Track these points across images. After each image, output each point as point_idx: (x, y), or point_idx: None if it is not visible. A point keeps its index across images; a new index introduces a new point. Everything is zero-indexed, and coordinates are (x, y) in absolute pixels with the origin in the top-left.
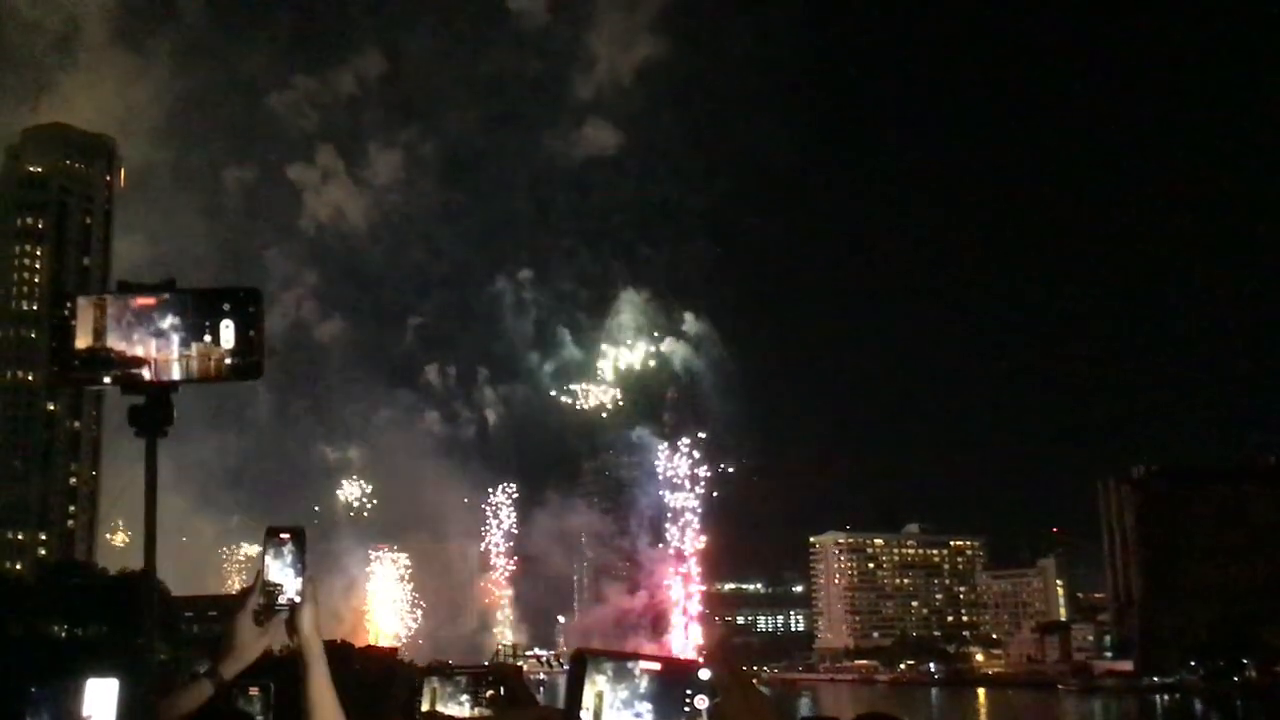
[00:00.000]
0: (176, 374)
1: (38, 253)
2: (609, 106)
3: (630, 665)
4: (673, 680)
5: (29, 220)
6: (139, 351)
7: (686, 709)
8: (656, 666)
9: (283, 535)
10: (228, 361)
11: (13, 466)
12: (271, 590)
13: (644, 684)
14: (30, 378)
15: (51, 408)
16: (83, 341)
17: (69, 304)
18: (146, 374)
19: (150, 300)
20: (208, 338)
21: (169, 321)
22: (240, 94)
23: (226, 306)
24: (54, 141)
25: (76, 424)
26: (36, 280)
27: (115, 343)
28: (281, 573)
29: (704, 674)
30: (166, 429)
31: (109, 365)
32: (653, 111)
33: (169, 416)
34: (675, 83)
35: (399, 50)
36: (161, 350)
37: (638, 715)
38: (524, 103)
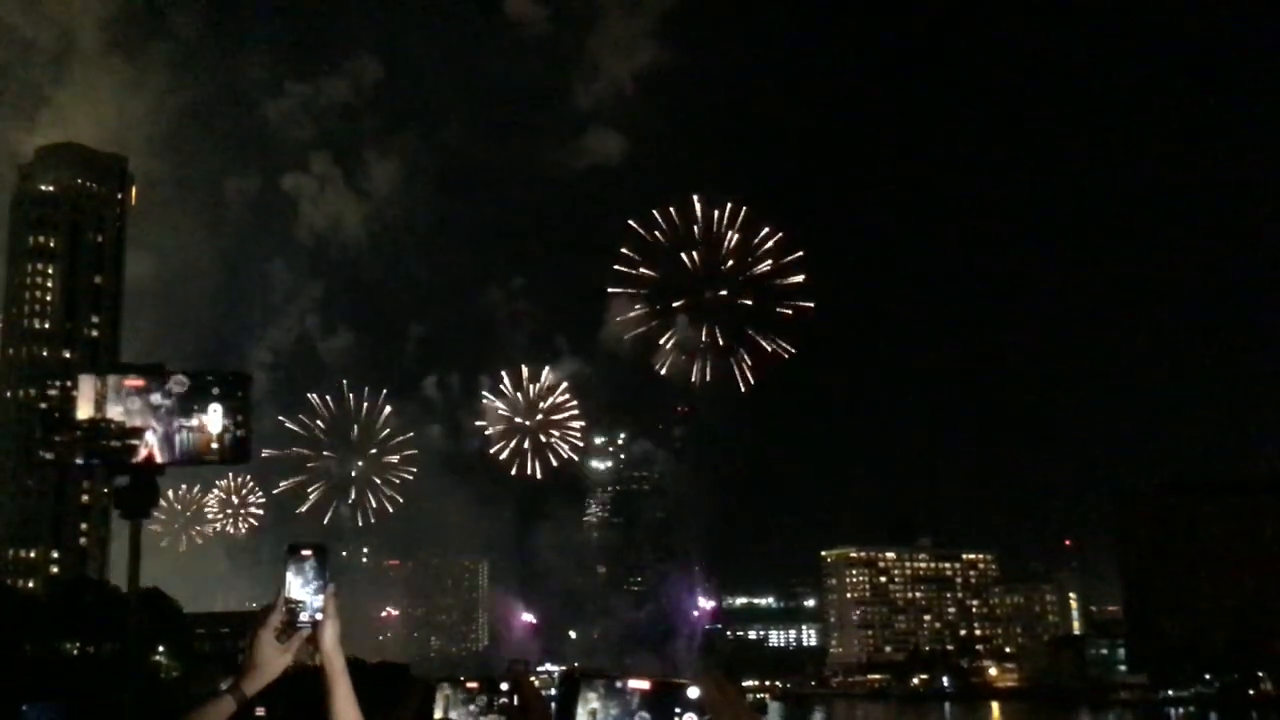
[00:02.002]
0: (170, 452)
1: (50, 271)
2: (608, 115)
3: (620, 685)
4: (663, 699)
5: (41, 239)
6: (136, 422)
7: None
8: (646, 686)
9: (304, 552)
10: (214, 445)
11: (26, 484)
12: (293, 607)
13: (635, 703)
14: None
15: None
16: (84, 412)
17: (70, 380)
18: (151, 439)
19: (140, 381)
20: (195, 420)
21: (161, 400)
22: (242, 105)
23: (216, 390)
24: (66, 160)
25: None
26: (49, 299)
27: (114, 410)
28: (303, 589)
29: (693, 692)
30: (151, 510)
31: (109, 435)
32: (651, 120)
33: (154, 498)
34: (674, 92)
35: (396, 58)
36: (158, 425)
37: None
38: (522, 111)
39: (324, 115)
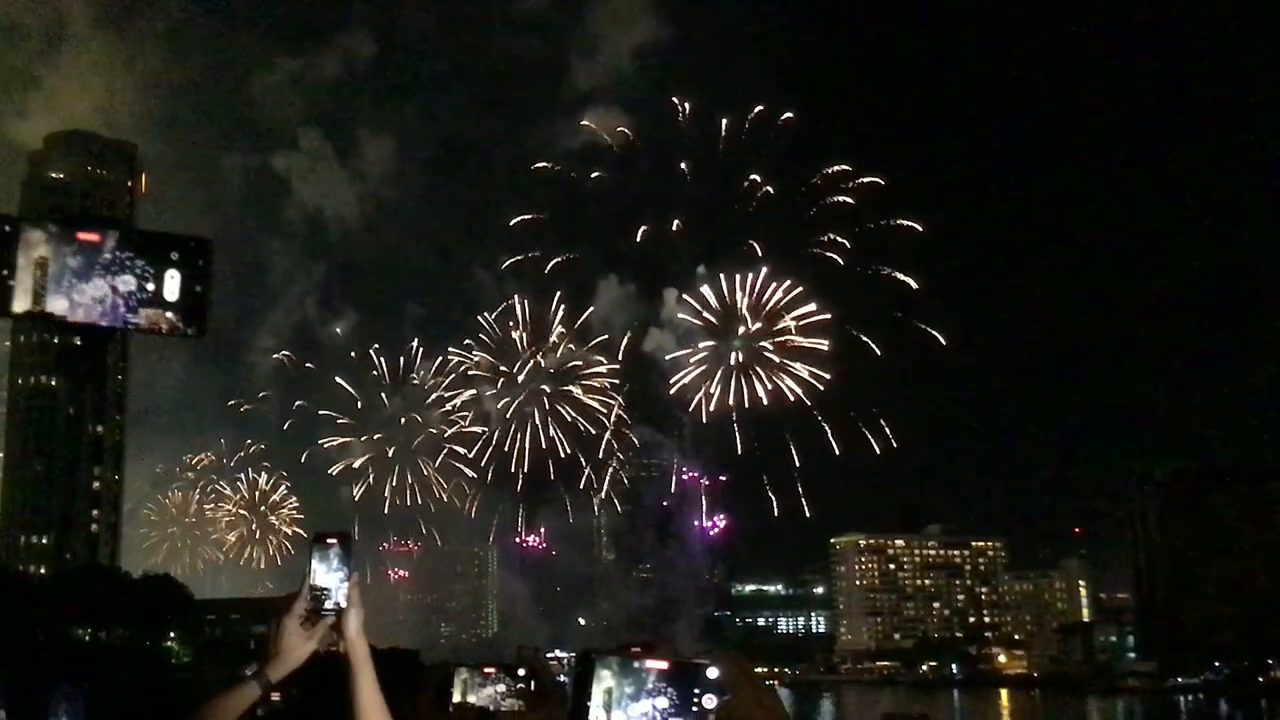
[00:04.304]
0: (118, 320)
1: None
2: (606, 93)
3: (637, 665)
4: (681, 679)
5: None
6: (80, 316)
7: (695, 708)
8: (664, 665)
9: (329, 540)
10: (169, 315)
11: (36, 470)
12: (318, 594)
13: (652, 683)
14: (54, 382)
15: (73, 411)
16: (21, 304)
17: (5, 267)
18: (97, 315)
19: (94, 237)
20: (151, 286)
21: (113, 274)
22: (233, 83)
23: (175, 256)
24: (76, 148)
25: (99, 428)
26: None
27: (56, 302)
28: (328, 577)
29: (712, 672)
30: (104, 379)
31: (48, 328)
32: (648, 98)
33: (102, 366)
34: (675, 69)
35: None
36: (105, 313)
37: (645, 714)
38: (517, 88)
39: (316, 92)
